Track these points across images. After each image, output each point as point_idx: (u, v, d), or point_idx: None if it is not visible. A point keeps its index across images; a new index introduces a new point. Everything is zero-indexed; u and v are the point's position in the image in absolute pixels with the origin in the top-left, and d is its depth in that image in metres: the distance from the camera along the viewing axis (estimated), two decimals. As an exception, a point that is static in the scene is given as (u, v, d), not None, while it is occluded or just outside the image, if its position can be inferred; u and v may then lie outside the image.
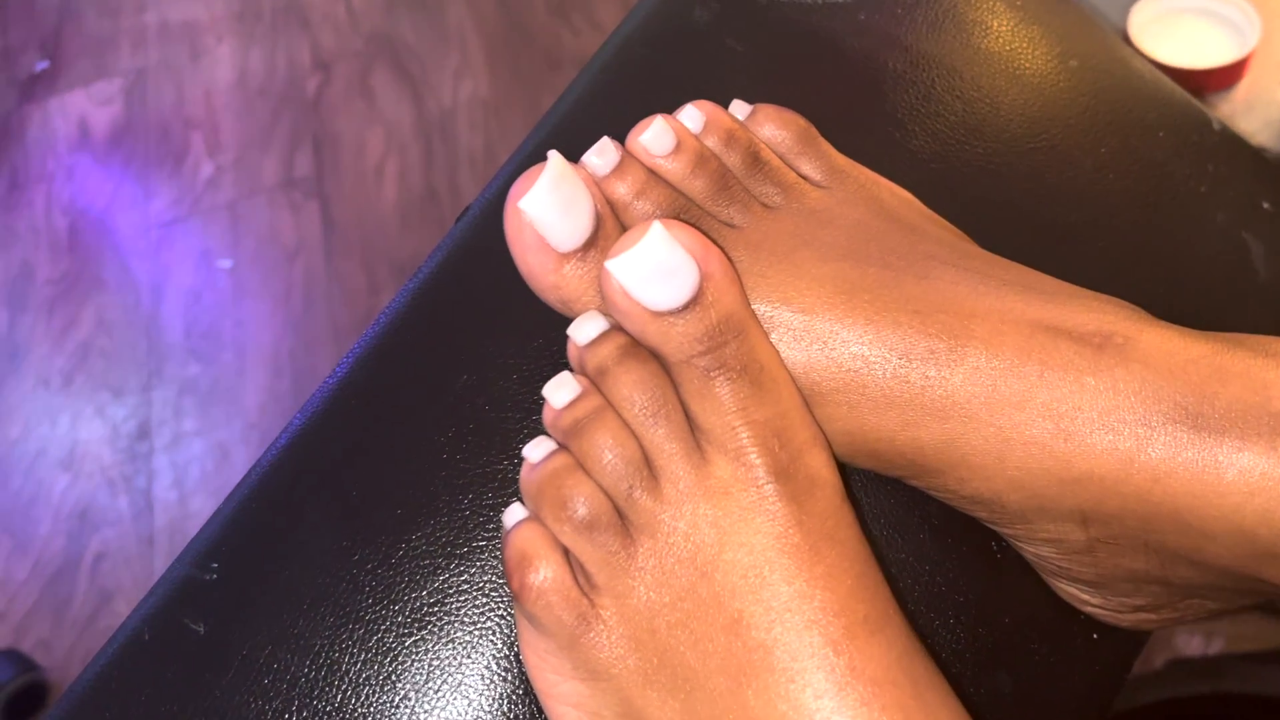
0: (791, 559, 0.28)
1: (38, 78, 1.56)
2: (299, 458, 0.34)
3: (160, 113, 1.49)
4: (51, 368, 1.30)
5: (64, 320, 1.33)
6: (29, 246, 1.40)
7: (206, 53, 1.54)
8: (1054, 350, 0.30)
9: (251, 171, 1.41)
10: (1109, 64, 0.43)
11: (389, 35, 1.51)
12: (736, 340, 0.29)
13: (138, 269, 1.36)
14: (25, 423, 1.27)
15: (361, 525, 0.33)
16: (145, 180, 1.43)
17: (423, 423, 0.34)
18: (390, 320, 0.37)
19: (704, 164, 0.33)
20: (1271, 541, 0.29)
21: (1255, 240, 0.43)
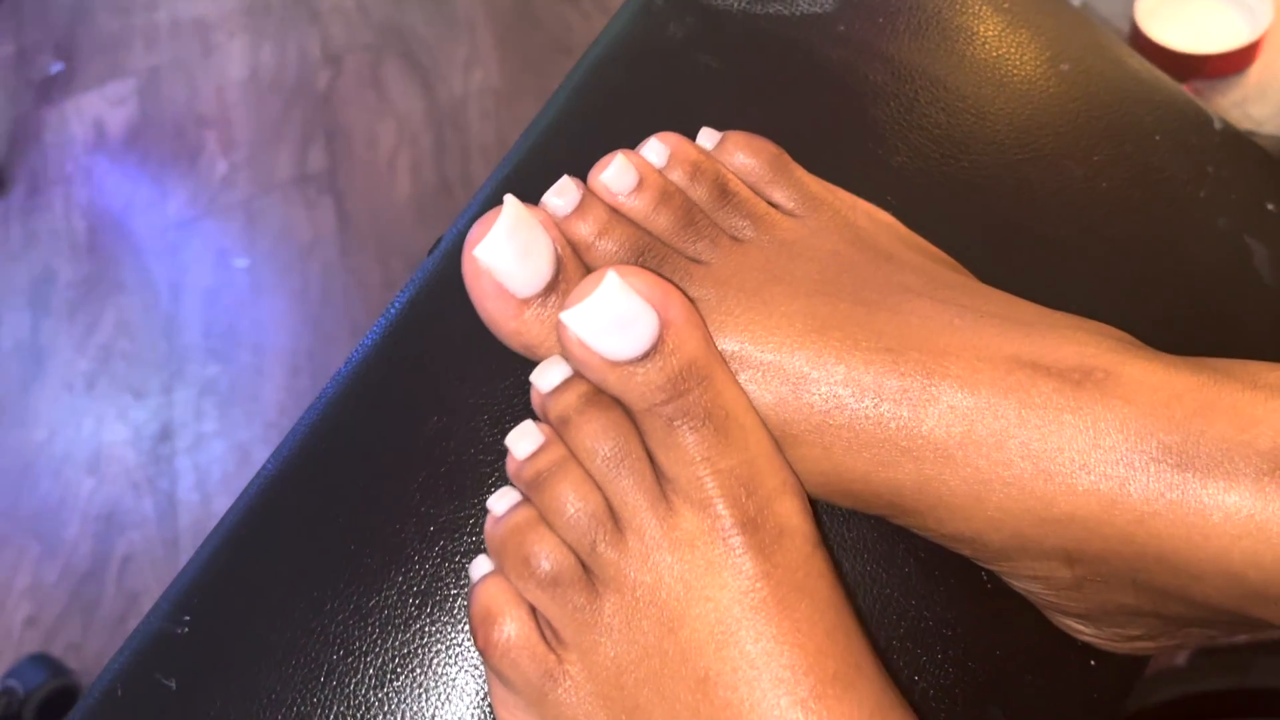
0: (759, 615, 0.28)
1: (53, 80, 1.56)
2: (269, 507, 0.34)
3: (174, 111, 1.49)
4: (75, 371, 1.32)
5: (86, 323, 1.34)
6: (50, 250, 1.41)
7: (218, 49, 1.53)
8: (1032, 387, 0.29)
9: (265, 168, 1.41)
10: (1103, 66, 0.41)
11: (398, 26, 1.50)
12: (700, 387, 0.28)
13: (156, 269, 1.36)
14: (51, 426, 1.29)
15: (332, 575, 0.33)
16: (161, 180, 1.44)
17: (394, 468, 0.34)
18: (362, 360, 0.36)
19: (668, 200, 0.32)
20: (1261, 584, 0.28)
21: (1258, 244, 0.41)
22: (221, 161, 1.43)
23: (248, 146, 1.44)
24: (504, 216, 0.29)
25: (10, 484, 1.26)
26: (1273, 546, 0.27)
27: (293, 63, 1.50)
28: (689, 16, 0.40)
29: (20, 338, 1.36)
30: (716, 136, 0.34)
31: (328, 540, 0.33)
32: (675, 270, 0.31)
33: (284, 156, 1.42)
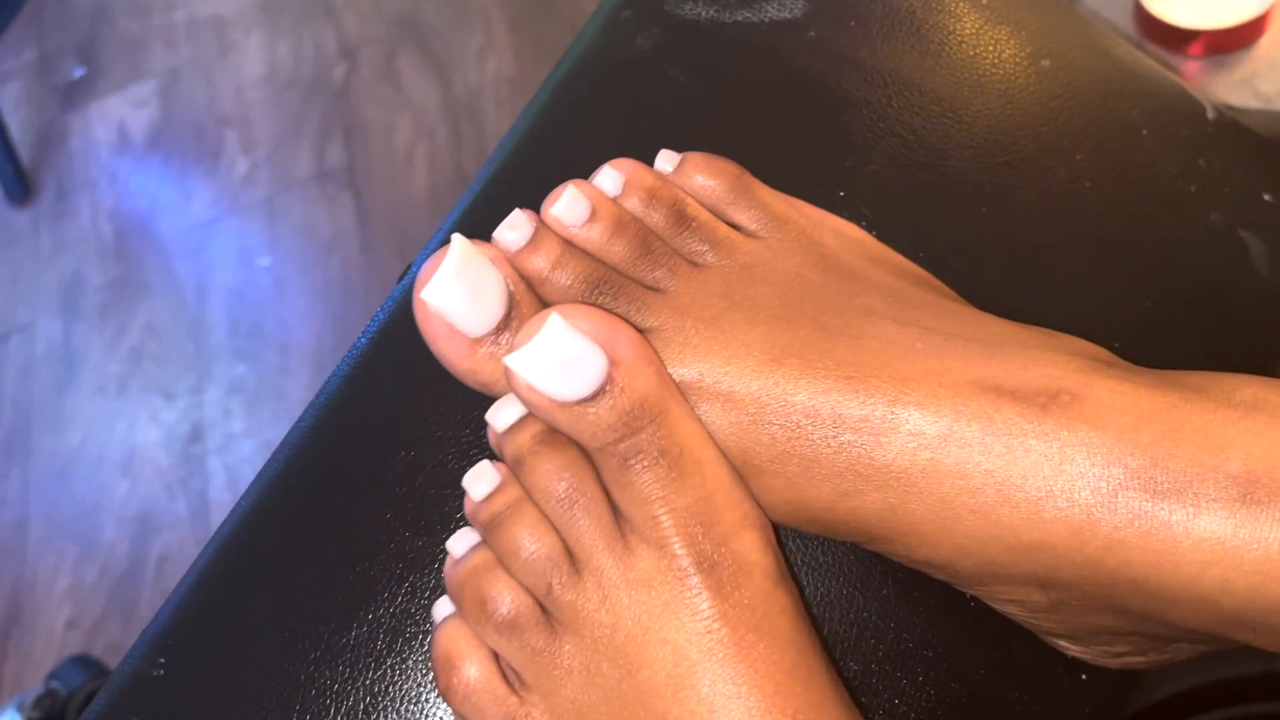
0: (715, 657, 0.27)
1: (76, 84, 1.58)
2: (242, 548, 0.34)
3: (194, 111, 1.50)
4: (106, 374, 1.33)
5: (115, 327, 1.36)
6: (79, 255, 1.43)
7: (235, 47, 1.54)
8: (995, 412, 0.28)
9: (285, 166, 1.42)
10: (1087, 60, 0.40)
11: (412, 17, 1.49)
12: (653, 425, 0.28)
13: (182, 271, 1.38)
14: (85, 429, 1.31)
15: (304, 616, 0.33)
16: (184, 181, 1.45)
17: (363, 504, 0.34)
18: (332, 394, 0.36)
19: (622, 229, 0.31)
20: (1235, 610, 0.27)
21: (1255, 238, 0.40)
22: (242, 160, 1.44)
23: (267, 144, 1.44)
24: (450, 257, 0.29)
25: (48, 488, 1.29)
26: (1245, 574, 0.26)
27: (309, 58, 1.50)
28: (655, 28, 0.39)
29: (53, 342, 1.38)
30: (676, 158, 0.34)
31: (299, 580, 0.33)
32: (633, 300, 0.31)
33: (303, 153, 1.42)
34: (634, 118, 0.38)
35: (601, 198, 0.31)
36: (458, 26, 1.46)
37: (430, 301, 0.29)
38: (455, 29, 1.46)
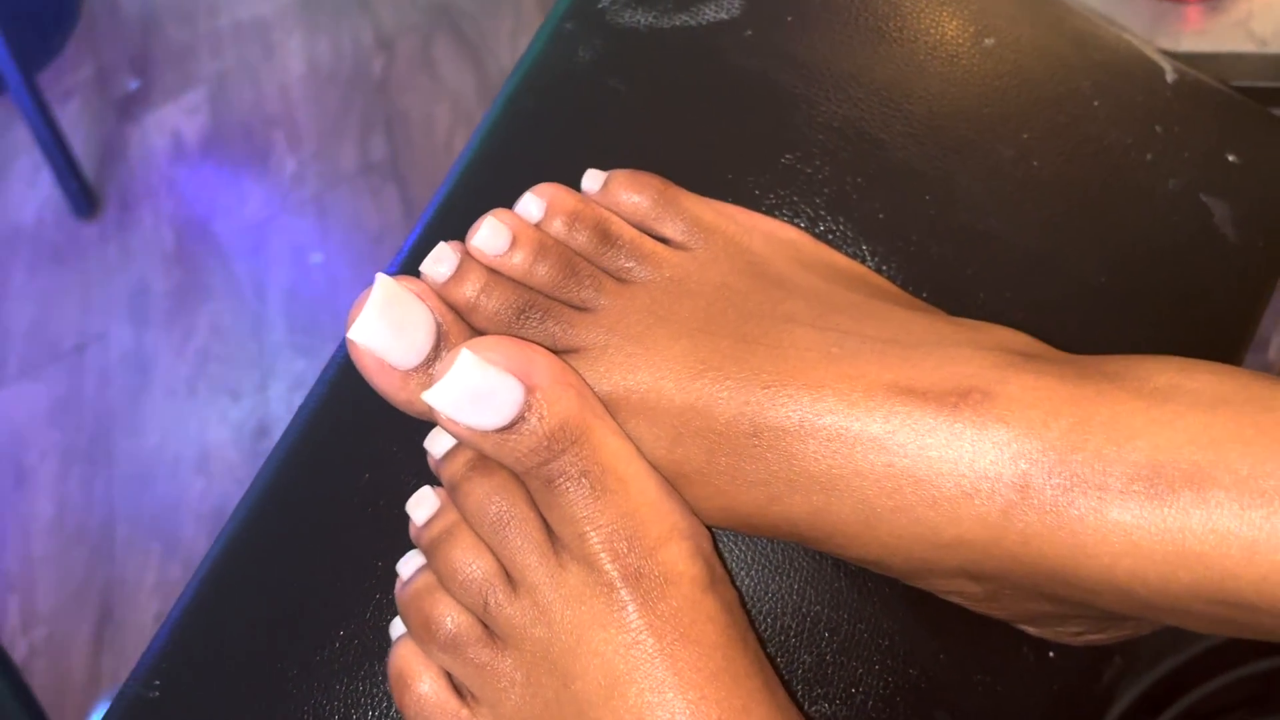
0: (642, 667, 0.28)
1: (132, 96, 1.63)
2: (224, 573, 0.36)
3: (242, 114, 1.54)
4: (176, 377, 1.39)
5: (182, 331, 1.41)
6: (143, 263, 1.48)
7: (278, 47, 1.57)
8: (908, 415, 0.29)
9: (331, 162, 1.45)
10: (1034, 35, 0.40)
11: (444, 3, 1.51)
12: (575, 447, 0.29)
13: (240, 272, 1.42)
14: (160, 432, 1.36)
15: (284, 635, 0.35)
16: (237, 183, 1.49)
17: (332, 527, 0.36)
18: (306, 418, 0.38)
19: (545, 253, 0.32)
20: (1150, 598, 0.27)
21: (1218, 201, 0.39)
22: (290, 159, 1.47)
23: (313, 142, 1.47)
24: (373, 297, 0.30)
25: (131, 489, 1.35)
26: (1154, 563, 0.26)
27: (348, 53, 1.52)
28: (596, 39, 0.40)
29: (126, 350, 1.43)
30: (601, 178, 0.34)
31: (275, 602, 0.35)
32: (560, 321, 0.32)
33: (347, 149, 1.45)
34: (577, 131, 0.39)
35: (522, 225, 0.32)
36: (488, 10, 1.47)
37: (357, 340, 0.30)
38: (486, 12, 1.47)
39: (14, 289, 1.54)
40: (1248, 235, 0.39)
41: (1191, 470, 0.26)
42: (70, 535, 1.35)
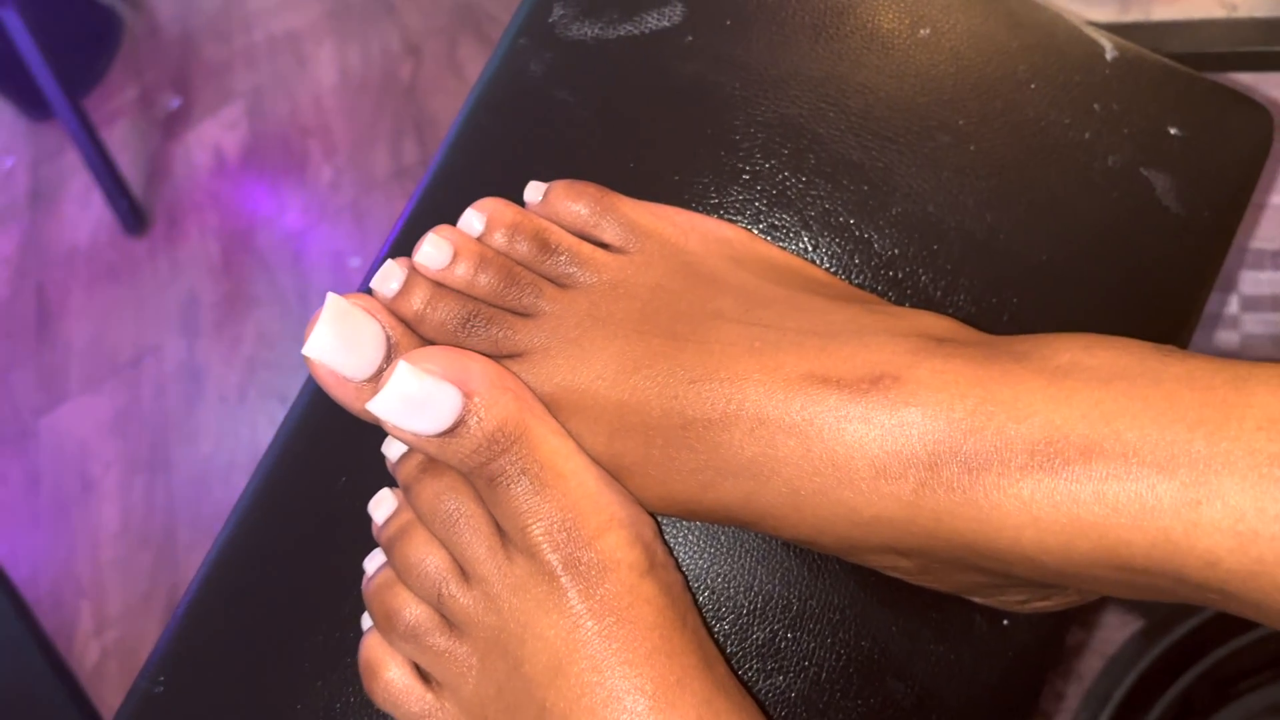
0: (583, 647, 0.30)
1: (174, 115, 1.68)
2: (223, 574, 0.39)
3: (279, 126, 1.58)
4: (228, 384, 1.43)
5: (231, 340, 1.46)
6: (192, 276, 1.53)
7: (309, 58, 1.61)
8: (822, 400, 0.30)
9: (365, 168, 1.48)
10: (969, 22, 0.41)
11: (470, 5, 1.53)
12: (514, 446, 0.31)
13: (283, 280, 1.46)
14: (215, 438, 1.41)
15: (269, 634, 0.37)
16: (276, 194, 1.53)
17: (313, 530, 0.38)
18: (289, 429, 0.40)
19: (486, 264, 0.34)
20: (1060, 567, 0.28)
21: (1159, 174, 0.40)
22: (326, 167, 1.51)
23: (347, 150, 1.51)
24: (324, 315, 0.33)
25: (190, 496, 1.40)
26: (1054, 534, 0.28)
27: (376, 60, 1.56)
28: (547, 53, 0.41)
29: (180, 360, 1.49)
30: (542, 189, 0.36)
31: (264, 602, 0.38)
32: (504, 327, 0.34)
33: (380, 154, 1.48)
34: (530, 145, 0.41)
35: (463, 238, 0.35)
36: (510, 8, 1.49)
37: (311, 356, 0.33)
38: (508, 12, 1.49)
39: (73, 307, 1.60)
40: (1193, 207, 0.40)
41: (1083, 443, 0.27)
42: (135, 541, 1.40)
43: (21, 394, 1.56)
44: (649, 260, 0.35)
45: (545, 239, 0.35)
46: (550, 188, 0.36)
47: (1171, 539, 0.26)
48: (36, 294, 1.63)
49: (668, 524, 0.37)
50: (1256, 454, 0.25)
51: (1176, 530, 0.26)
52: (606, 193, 0.36)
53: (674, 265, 0.35)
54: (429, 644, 0.32)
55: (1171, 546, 0.26)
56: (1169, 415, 0.27)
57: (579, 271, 0.35)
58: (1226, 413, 0.26)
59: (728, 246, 0.36)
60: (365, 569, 0.35)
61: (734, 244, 0.36)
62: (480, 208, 0.35)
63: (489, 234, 0.35)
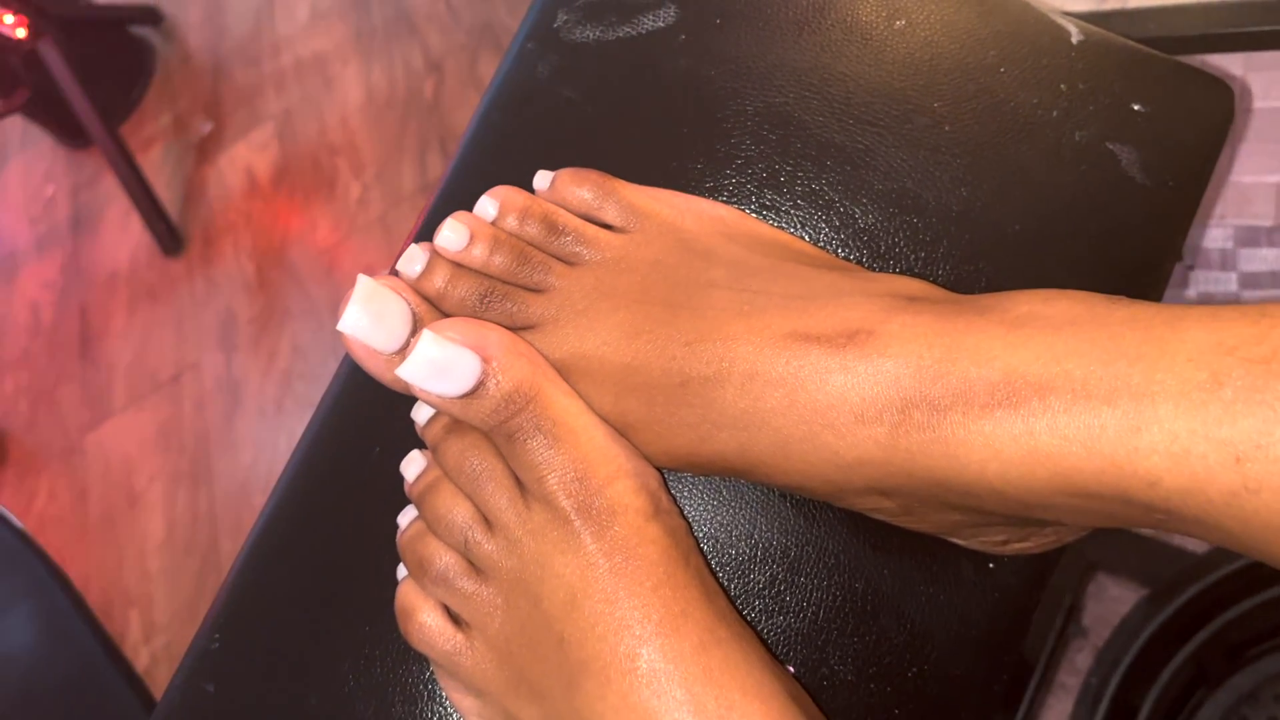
0: (596, 583, 0.34)
1: (207, 139, 1.73)
2: (271, 540, 0.42)
3: (308, 146, 1.63)
4: (265, 397, 1.48)
5: (267, 353, 1.51)
6: (228, 293, 1.58)
7: (336, 79, 1.66)
8: (805, 355, 0.33)
9: (392, 184, 1.53)
10: (942, 13, 0.44)
11: (488, 22, 1.58)
12: (529, 406, 0.35)
13: (316, 294, 1.51)
14: (254, 449, 1.46)
15: (320, 593, 0.41)
16: (307, 211, 1.58)
17: (356, 496, 0.42)
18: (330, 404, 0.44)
19: (500, 245, 0.38)
20: (1021, 496, 0.31)
21: (1124, 148, 0.43)
22: (355, 184, 1.56)
23: (374, 166, 1.56)
24: (355, 295, 0.36)
25: (232, 505, 1.45)
26: (1015, 465, 0.31)
27: (400, 78, 1.61)
28: (552, 55, 0.45)
29: (219, 375, 1.54)
30: (550, 177, 0.40)
31: (317, 565, 0.41)
32: (517, 302, 0.37)
33: (406, 169, 1.53)
34: (541, 138, 0.44)
35: (479, 223, 0.38)
36: (528, 24, 1.53)
37: (344, 330, 0.36)
38: (526, 27, 1.53)
39: (116, 328, 1.66)
40: (1158, 177, 0.43)
41: (1037, 382, 0.30)
42: (180, 550, 1.45)
43: (68, 412, 1.62)
44: (648, 238, 0.38)
45: (553, 221, 0.38)
46: (557, 175, 0.40)
47: (1116, 463, 0.29)
48: (80, 316, 1.69)
49: (674, 480, 0.40)
50: (1187, 382, 0.28)
51: (1120, 455, 0.29)
52: (608, 178, 0.39)
53: (671, 242, 0.38)
54: (458, 587, 0.36)
55: (1117, 470, 0.29)
56: (1112, 353, 0.30)
57: (584, 250, 0.38)
58: (1162, 348, 0.29)
59: (720, 224, 0.39)
60: (399, 524, 0.38)
61: (726, 221, 0.40)
62: (493, 195, 0.39)
63: (502, 218, 0.39)
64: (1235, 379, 0.28)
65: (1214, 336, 0.29)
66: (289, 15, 1.77)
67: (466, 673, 0.36)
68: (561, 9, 0.45)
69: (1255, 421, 0.27)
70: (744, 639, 0.35)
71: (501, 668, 0.36)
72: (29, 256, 1.79)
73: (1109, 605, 0.94)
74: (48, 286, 1.75)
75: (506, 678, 0.35)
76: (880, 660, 0.39)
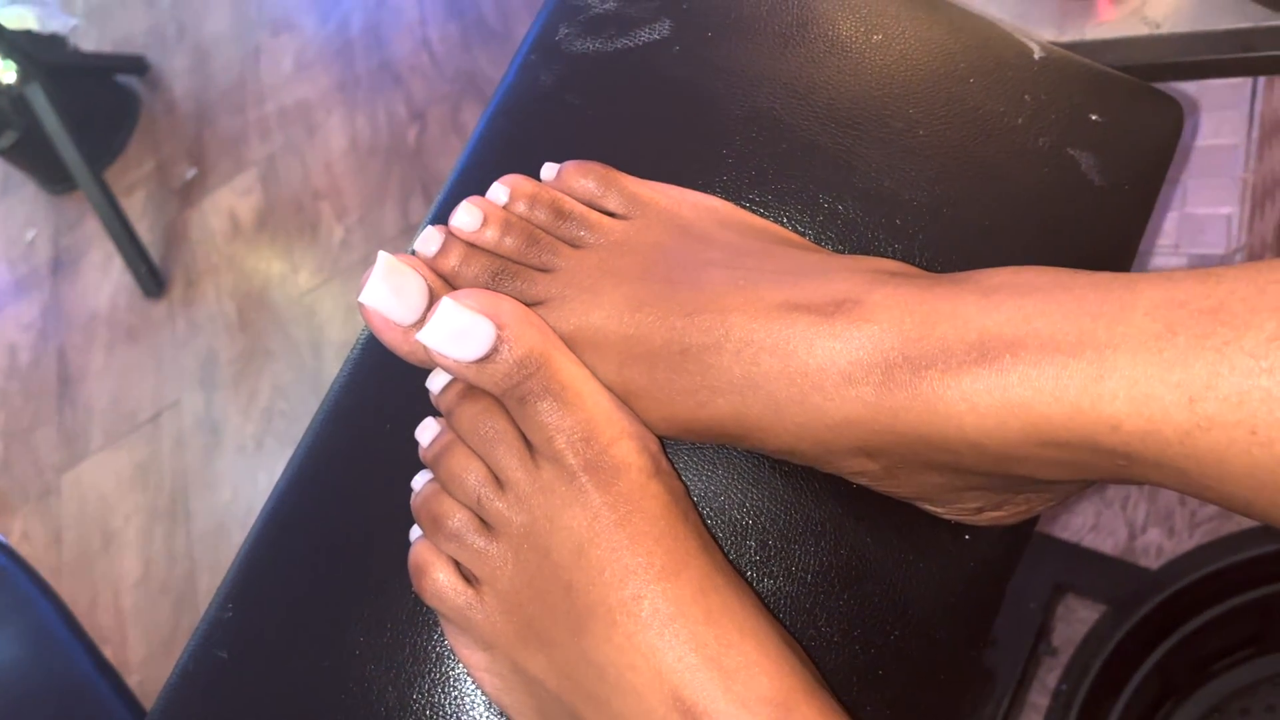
0: (602, 533, 0.36)
1: (190, 184, 1.76)
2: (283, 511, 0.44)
3: (292, 191, 1.66)
4: (245, 435, 1.49)
5: (248, 392, 1.52)
6: (209, 334, 1.60)
7: (320, 126, 1.70)
8: (795, 323, 0.36)
9: (375, 227, 1.56)
10: (915, 28, 0.48)
11: (470, 71, 1.62)
12: (540, 370, 0.37)
13: (297, 334, 1.53)
14: (233, 487, 1.47)
15: (332, 563, 0.43)
16: (290, 254, 1.61)
17: (366, 470, 0.44)
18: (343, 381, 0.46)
19: (510, 228, 0.41)
20: (996, 448, 0.34)
21: (1084, 153, 0.46)
22: (338, 228, 1.59)
23: (358, 210, 1.59)
24: (376, 269, 0.39)
25: (210, 542, 1.45)
26: (990, 417, 0.34)
27: (384, 125, 1.64)
28: (555, 65, 0.48)
29: (198, 414, 1.55)
30: (555, 168, 0.43)
31: (328, 536, 0.43)
32: (526, 280, 0.40)
33: (389, 213, 1.56)
34: (546, 139, 0.47)
35: (491, 206, 0.41)
36: (510, 74, 1.58)
37: (365, 302, 0.39)
38: (508, 77, 1.58)
39: (94, 369, 1.66)
40: (1114, 180, 0.46)
41: (1009, 339, 0.33)
42: (156, 589, 1.45)
43: (44, 453, 1.62)
44: (648, 224, 0.41)
45: (560, 207, 0.41)
46: (563, 167, 0.43)
47: (1082, 409, 0.32)
48: (58, 358, 1.70)
49: (671, 452, 0.42)
50: (1144, 333, 0.31)
51: (1086, 401, 0.32)
52: (610, 170, 0.42)
53: (670, 228, 0.41)
54: (470, 543, 0.38)
55: (1083, 416, 0.32)
56: (1077, 312, 0.33)
57: (589, 234, 0.41)
58: (1121, 305, 0.32)
59: (715, 214, 0.42)
60: (413, 487, 0.40)
61: (720, 211, 0.43)
62: (505, 182, 0.42)
63: (512, 203, 0.41)
64: (1187, 328, 0.31)
65: (1167, 294, 0.32)
66: (274, 65, 1.81)
67: (477, 627, 0.38)
68: (563, 23, 0.49)
69: (1205, 364, 0.30)
70: (739, 588, 0.37)
71: (510, 619, 0.38)
72: (7, 299, 1.80)
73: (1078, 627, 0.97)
74: (26, 328, 1.76)
75: (516, 629, 0.38)
76: (865, 623, 0.42)
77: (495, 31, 1.62)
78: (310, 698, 0.41)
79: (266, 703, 0.42)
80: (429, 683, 0.41)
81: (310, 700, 0.41)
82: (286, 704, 0.41)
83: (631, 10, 0.48)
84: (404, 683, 0.41)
